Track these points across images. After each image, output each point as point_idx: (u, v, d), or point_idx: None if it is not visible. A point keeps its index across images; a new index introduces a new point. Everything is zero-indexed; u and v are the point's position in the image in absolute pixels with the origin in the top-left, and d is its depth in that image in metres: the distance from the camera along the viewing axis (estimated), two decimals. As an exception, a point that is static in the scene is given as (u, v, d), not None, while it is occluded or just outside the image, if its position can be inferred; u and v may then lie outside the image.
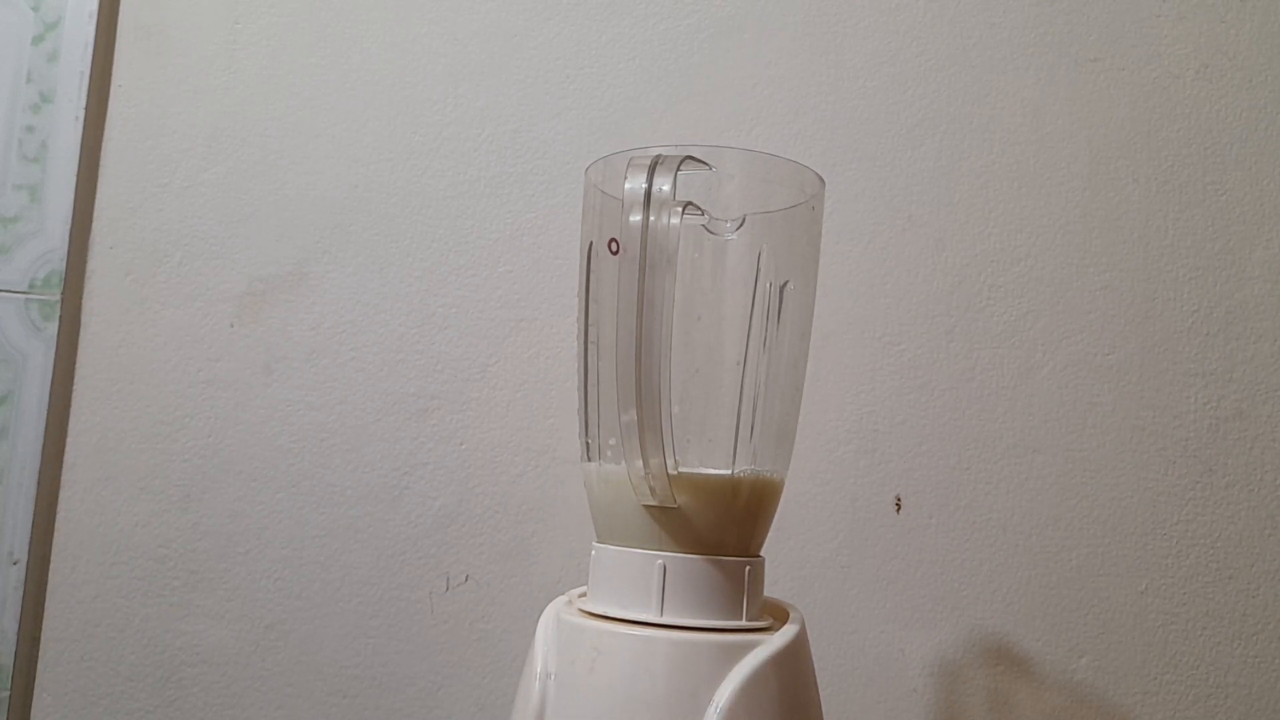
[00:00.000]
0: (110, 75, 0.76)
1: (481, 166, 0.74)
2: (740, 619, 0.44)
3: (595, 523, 0.49)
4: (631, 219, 0.41)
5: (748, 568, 0.45)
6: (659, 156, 0.42)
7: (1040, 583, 0.68)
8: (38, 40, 0.74)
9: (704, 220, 0.47)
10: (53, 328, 0.72)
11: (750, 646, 0.42)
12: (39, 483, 0.71)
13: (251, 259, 0.74)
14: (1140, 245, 0.71)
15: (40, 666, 0.70)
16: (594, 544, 0.48)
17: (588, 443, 0.49)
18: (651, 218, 0.41)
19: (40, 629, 0.71)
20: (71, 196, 0.73)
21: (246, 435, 0.72)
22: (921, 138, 0.73)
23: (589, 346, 0.49)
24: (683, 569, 0.44)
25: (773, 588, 0.49)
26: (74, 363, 0.73)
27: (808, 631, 0.46)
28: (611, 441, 0.46)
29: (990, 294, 0.71)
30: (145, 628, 0.70)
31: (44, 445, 0.71)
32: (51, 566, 0.71)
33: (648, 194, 0.41)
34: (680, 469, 0.44)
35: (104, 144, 0.75)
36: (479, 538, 0.71)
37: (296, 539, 0.71)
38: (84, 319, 0.73)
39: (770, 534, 0.49)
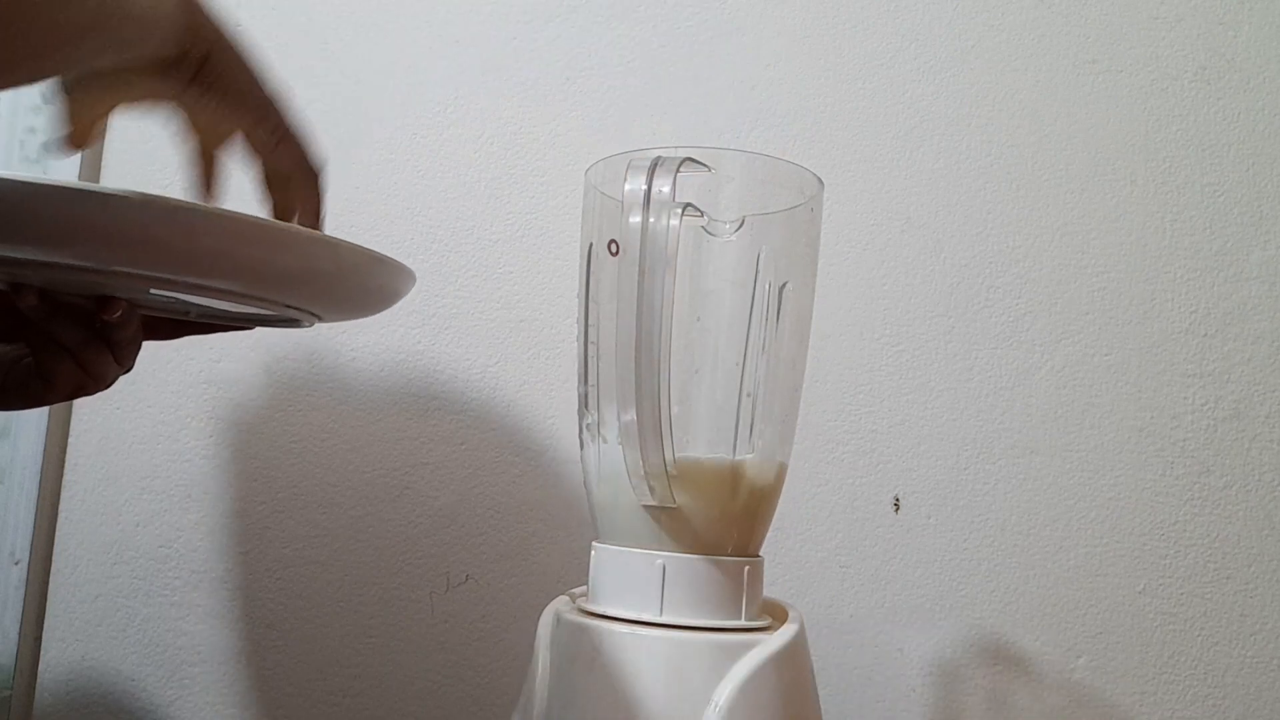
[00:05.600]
0: (111, 76, 0.76)
1: (482, 168, 0.74)
2: (739, 618, 0.45)
3: (595, 523, 0.49)
4: (631, 220, 0.41)
5: (747, 567, 0.45)
6: (658, 158, 0.42)
7: (1038, 583, 0.69)
8: (39, 41, 0.74)
9: (703, 221, 0.47)
10: (54, 328, 0.72)
11: (749, 646, 0.43)
12: (40, 483, 0.71)
13: (252, 260, 0.74)
14: (1138, 246, 0.71)
15: (41, 666, 0.70)
16: (594, 544, 0.48)
17: (587, 442, 0.49)
18: (651, 219, 0.41)
19: (41, 629, 0.71)
20: (73, 197, 0.73)
21: (246, 435, 0.72)
22: (920, 140, 0.73)
23: (589, 347, 0.49)
24: (682, 569, 0.44)
25: (772, 587, 0.49)
26: (75, 363, 0.73)
27: (807, 631, 0.46)
28: (611, 441, 0.46)
29: (988, 295, 0.71)
30: (146, 627, 0.71)
31: (46, 445, 0.71)
32: (53, 566, 0.71)
33: (647, 196, 0.41)
34: (680, 468, 0.44)
35: (105, 145, 0.75)
36: (479, 538, 0.71)
37: (297, 539, 0.71)
38: (85, 319, 0.73)
39: (769, 534, 0.49)
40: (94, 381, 0.46)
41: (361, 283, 0.44)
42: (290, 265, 0.40)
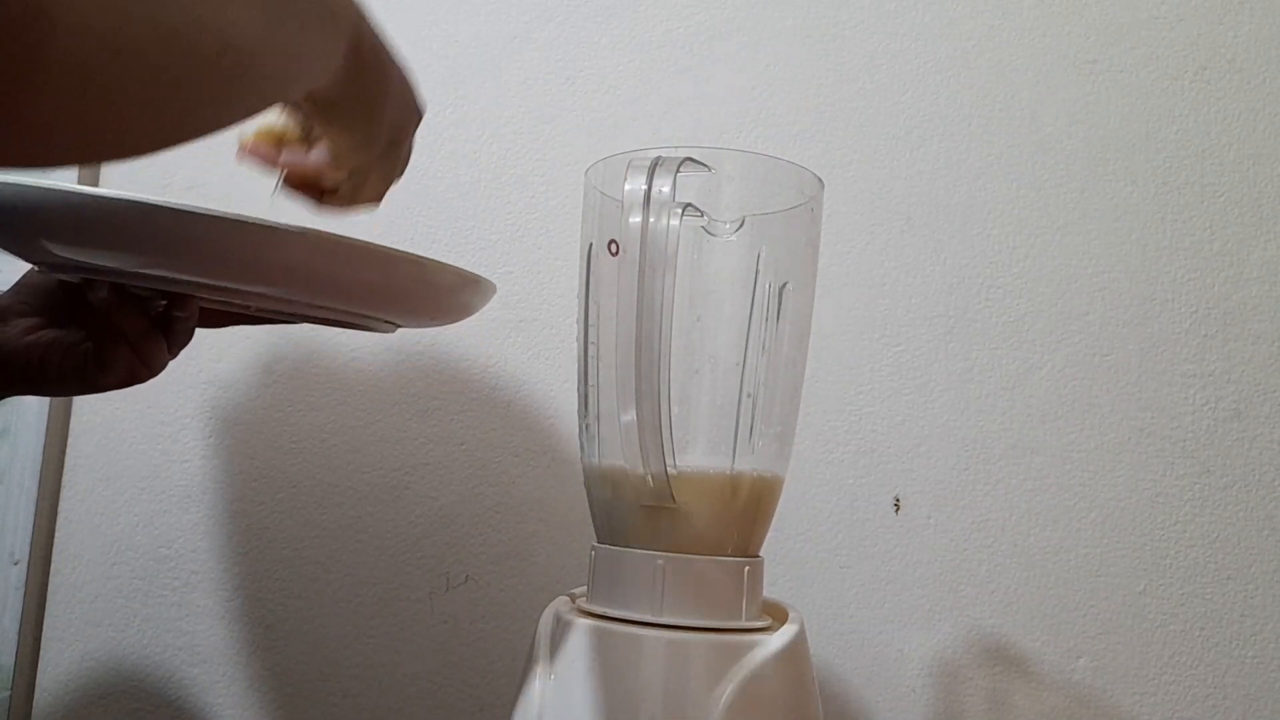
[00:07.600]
0: (111, 76, 0.76)
1: (482, 168, 0.74)
2: (739, 619, 0.45)
3: (595, 523, 0.49)
4: (631, 220, 0.41)
5: (747, 568, 0.45)
6: (658, 158, 0.42)
7: (1039, 583, 0.69)
8: (39, 41, 0.74)
9: (703, 221, 0.47)
10: (54, 328, 0.72)
11: (749, 646, 0.43)
12: (40, 483, 0.71)
13: (252, 260, 0.74)
14: (1138, 246, 0.71)
15: (41, 666, 0.70)
16: (593, 544, 0.48)
17: (587, 443, 0.49)
18: (651, 219, 0.41)
19: (41, 629, 0.71)
20: (72, 197, 0.73)
21: (246, 435, 0.72)
22: (920, 139, 0.73)
23: (589, 347, 0.49)
24: (682, 569, 0.44)
25: (772, 588, 0.49)
26: (75, 363, 0.73)
27: (807, 631, 0.46)
28: (611, 442, 0.46)
29: (989, 295, 0.71)
30: (146, 628, 0.71)
31: (45, 445, 0.71)
32: (52, 566, 0.71)
33: (647, 196, 0.41)
34: (680, 469, 0.44)
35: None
36: (479, 538, 0.71)
37: (296, 539, 0.71)
38: (85, 319, 0.73)
39: (769, 534, 0.49)
40: (146, 370, 0.48)
41: (449, 299, 0.47)
42: (379, 283, 0.43)
